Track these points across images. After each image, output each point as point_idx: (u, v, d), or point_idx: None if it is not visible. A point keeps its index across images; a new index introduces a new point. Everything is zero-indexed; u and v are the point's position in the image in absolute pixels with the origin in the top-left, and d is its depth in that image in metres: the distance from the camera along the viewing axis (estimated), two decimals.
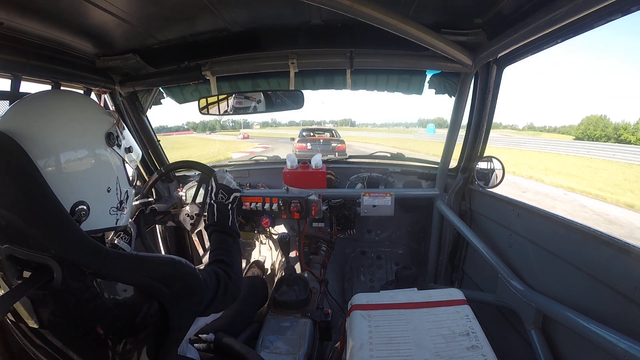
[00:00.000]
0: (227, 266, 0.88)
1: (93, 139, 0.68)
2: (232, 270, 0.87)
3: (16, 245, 0.54)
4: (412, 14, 1.14)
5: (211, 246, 0.98)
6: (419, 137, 35.21)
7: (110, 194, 0.71)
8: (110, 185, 0.71)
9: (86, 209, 0.65)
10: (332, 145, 10.81)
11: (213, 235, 1.01)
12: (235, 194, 1.12)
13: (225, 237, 1.00)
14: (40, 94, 0.69)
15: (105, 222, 0.71)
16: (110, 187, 0.71)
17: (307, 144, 10.99)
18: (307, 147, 10.75)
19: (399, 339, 1.03)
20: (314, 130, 12.84)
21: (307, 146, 10.82)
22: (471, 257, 1.87)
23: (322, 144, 10.89)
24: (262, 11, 1.19)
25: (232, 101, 1.63)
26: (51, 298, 0.57)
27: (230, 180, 1.17)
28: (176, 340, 0.68)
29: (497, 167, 1.67)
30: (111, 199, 0.71)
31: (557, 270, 1.11)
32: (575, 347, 1.02)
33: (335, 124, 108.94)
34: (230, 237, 1.01)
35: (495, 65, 1.46)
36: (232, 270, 0.87)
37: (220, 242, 0.98)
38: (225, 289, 0.81)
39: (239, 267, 0.95)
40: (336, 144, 10.90)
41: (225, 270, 0.86)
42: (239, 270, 0.93)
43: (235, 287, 0.85)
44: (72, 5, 0.93)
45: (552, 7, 0.87)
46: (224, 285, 0.81)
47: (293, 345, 1.38)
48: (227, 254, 0.93)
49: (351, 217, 2.09)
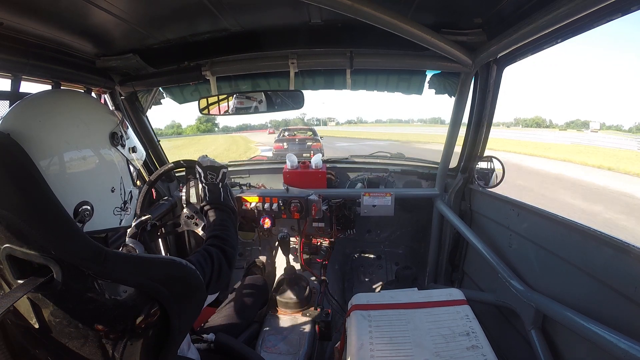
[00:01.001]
0: (221, 240, 0.88)
1: (97, 139, 0.68)
2: (227, 243, 0.88)
3: (16, 245, 0.54)
4: (412, 14, 1.14)
5: (207, 225, 1.00)
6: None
7: (114, 194, 0.71)
8: (114, 186, 0.71)
9: (90, 209, 0.65)
10: (307, 144, 11.27)
11: (208, 213, 1.02)
12: (222, 170, 1.14)
13: (219, 213, 1.01)
14: (43, 93, 0.69)
15: (109, 223, 0.71)
16: (114, 187, 0.71)
17: (284, 143, 11.50)
18: (283, 147, 11.26)
19: (399, 339, 1.03)
20: (293, 130, 13.39)
21: (284, 145, 11.35)
22: (471, 257, 1.87)
23: (298, 143, 11.38)
24: (262, 11, 1.19)
25: (233, 101, 1.63)
26: (51, 298, 0.57)
27: (213, 160, 1.18)
28: (177, 341, 0.68)
29: (497, 167, 1.67)
30: (115, 199, 0.71)
31: (557, 270, 1.11)
32: (575, 347, 1.02)
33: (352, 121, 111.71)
34: (224, 212, 1.03)
35: (495, 65, 1.46)
36: (226, 243, 0.88)
37: (215, 218, 0.99)
38: (220, 271, 0.80)
39: (234, 239, 0.94)
40: (312, 142, 11.40)
41: (219, 245, 0.86)
42: (235, 242, 0.93)
43: (229, 262, 0.85)
44: (72, 5, 0.93)
45: (552, 7, 0.87)
46: (217, 267, 0.80)
47: (293, 345, 1.38)
48: (221, 228, 0.94)
49: (351, 217, 2.09)
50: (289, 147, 11.12)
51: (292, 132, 12.94)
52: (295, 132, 12.90)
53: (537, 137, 25.37)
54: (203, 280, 0.73)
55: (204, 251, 0.82)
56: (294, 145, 11.25)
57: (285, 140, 11.75)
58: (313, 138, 11.85)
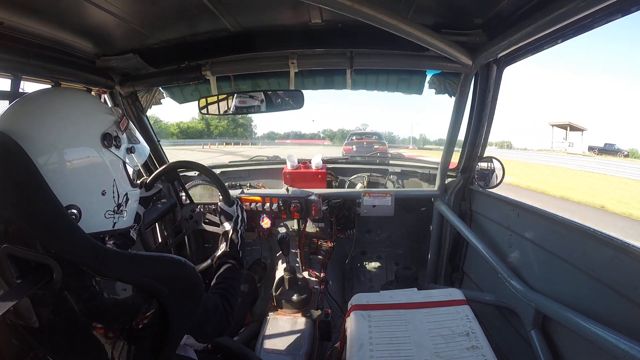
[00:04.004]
0: (229, 306, 0.89)
1: (86, 140, 0.65)
2: (231, 313, 0.88)
3: (16, 244, 0.54)
4: (412, 14, 1.14)
5: (219, 276, 0.98)
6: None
7: (105, 197, 0.68)
8: (105, 189, 0.68)
9: (77, 213, 0.62)
10: (374, 147, 12.33)
11: (224, 265, 1.01)
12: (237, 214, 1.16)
13: (235, 270, 1.02)
14: (39, 92, 0.68)
15: (100, 226, 0.68)
16: (105, 190, 0.67)
17: (353, 146, 12.93)
18: (352, 149, 12.59)
19: (399, 339, 1.03)
20: (360, 134, 15.16)
21: (353, 148, 12.71)
22: (471, 257, 1.87)
23: (366, 147, 12.43)
24: (262, 11, 1.19)
25: (235, 100, 1.63)
26: (51, 298, 0.57)
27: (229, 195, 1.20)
28: (176, 340, 0.68)
29: (497, 167, 1.67)
30: (107, 202, 0.68)
31: (557, 270, 1.11)
32: (575, 347, 1.02)
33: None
34: (239, 268, 1.04)
35: (495, 66, 1.46)
36: (231, 312, 0.88)
37: (229, 273, 0.99)
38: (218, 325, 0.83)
39: (237, 304, 0.96)
40: (378, 145, 12.62)
41: (226, 309, 0.87)
42: (236, 308, 0.94)
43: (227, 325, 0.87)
44: (72, 5, 0.93)
45: (552, 7, 0.87)
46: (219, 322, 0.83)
47: (293, 345, 1.38)
48: (234, 292, 0.94)
49: (351, 217, 2.09)
50: (358, 149, 12.21)
51: (359, 136, 14.54)
52: (362, 137, 14.53)
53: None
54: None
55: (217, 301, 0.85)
56: (362, 148, 12.37)
57: (354, 144, 13.16)
58: (379, 142, 13.37)
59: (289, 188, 1.90)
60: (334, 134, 57.18)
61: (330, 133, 60.62)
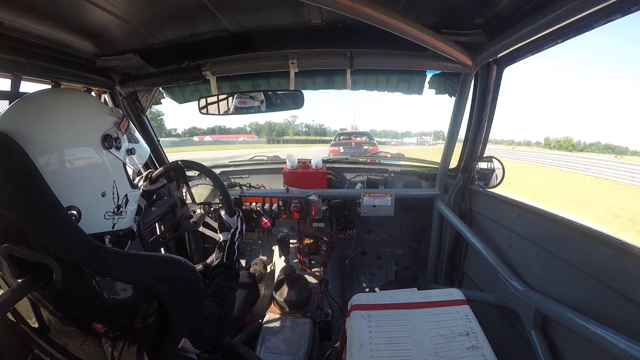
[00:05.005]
0: (224, 314, 0.89)
1: (86, 141, 0.65)
2: (227, 321, 0.89)
3: (16, 244, 0.54)
4: (412, 14, 1.14)
5: (215, 285, 0.98)
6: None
7: (105, 198, 0.68)
8: (105, 190, 0.68)
9: (76, 214, 0.62)
10: (363, 148, 11.11)
11: (220, 275, 1.01)
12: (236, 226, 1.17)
13: (231, 279, 1.02)
14: (40, 92, 0.68)
15: (100, 227, 0.69)
16: (105, 191, 0.68)
17: (341, 147, 11.26)
18: (339, 151, 11.02)
19: (399, 339, 1.03)
20: (349, 134, 13.25)
21: (340, 149, 11.10)
22: (471, 257, 1.87)
23: (354, 147, 11.14)
24: (262, 11, 1.19)
25: (235, 101, 1.63)
26: (50, 298, 0.57)
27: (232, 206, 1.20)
28: (176, 340, 0.68)
29: (497, 167, 1.67)
30: (106, 203, 0.69)
31: (557, 270, 1.11)
32: (575, 347, 1.02)
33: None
34: (235, 278, 1.04)
35: (495, 66, 1.46)
36: (226, 320, 0.89)
37: (225, 282, 1.00)
38: (213, 331, 0.83)
39: (232, 313, 0.96)
40: (368, 146, 11.18)
41: (222, 317, 0.87)
42: (231, 317, 0.94)
43: (223, 332, 0.87)
44: (72, 5, 0.93)
45: (552, 7, 0.87)
46: (214, 328, 0.83)
47: (293, 345, 1.38)
48: (229, 301, 0.94)
49: (351, 217, 2.09)
50: (346, 150, 10.83)
51: (348, 136, 12.84)
52: (351, 136, 12.78)
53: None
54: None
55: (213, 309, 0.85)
56: (350, 149, 11.04)
57: (341, 145, 11.54)
58: (369, 142, 11.74)
59: (289, 188, 1.90)
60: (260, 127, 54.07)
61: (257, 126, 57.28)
